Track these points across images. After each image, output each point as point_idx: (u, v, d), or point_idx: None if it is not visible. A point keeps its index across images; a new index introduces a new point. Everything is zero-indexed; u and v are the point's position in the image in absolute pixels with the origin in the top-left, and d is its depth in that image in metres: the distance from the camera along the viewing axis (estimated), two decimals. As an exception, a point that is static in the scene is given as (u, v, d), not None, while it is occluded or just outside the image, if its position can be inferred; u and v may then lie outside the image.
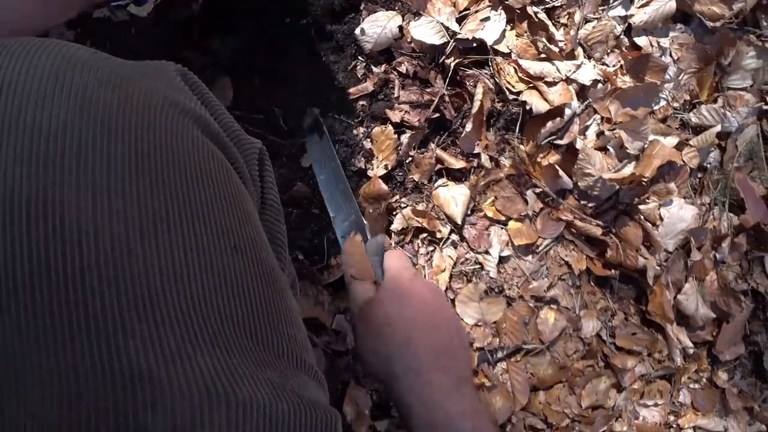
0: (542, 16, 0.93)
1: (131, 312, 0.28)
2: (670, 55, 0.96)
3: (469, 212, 0.98)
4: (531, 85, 0.94)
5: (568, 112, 0.94)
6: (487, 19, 0.93)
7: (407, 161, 0.96)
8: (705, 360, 1.10)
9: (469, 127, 0.94)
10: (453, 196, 0.96)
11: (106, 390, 0.27)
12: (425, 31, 0.93)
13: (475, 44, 0.95)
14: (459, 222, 0.96)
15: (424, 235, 0.99)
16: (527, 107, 0.93)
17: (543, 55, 0.94)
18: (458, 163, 0.96)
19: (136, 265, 0.29)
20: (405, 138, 0.96)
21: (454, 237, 0.99)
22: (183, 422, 0.28)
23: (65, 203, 0.28)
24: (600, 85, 0.95)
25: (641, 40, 0.95)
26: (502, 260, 1.00)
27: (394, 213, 0.97)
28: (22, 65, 0.31)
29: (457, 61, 0.95)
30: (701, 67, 0.97)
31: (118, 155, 0.31)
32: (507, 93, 0.95)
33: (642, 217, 1.00)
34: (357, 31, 0.93)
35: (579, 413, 1.02)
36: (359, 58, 0.96)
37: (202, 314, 0.31)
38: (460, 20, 0.94)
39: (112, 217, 0.29)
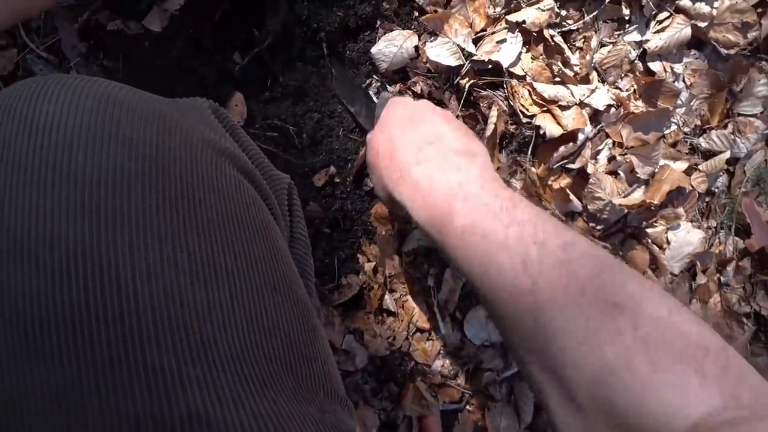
0: (558, 39, 0.93)
1: (186, 358, 0.29)
2: (683, 81, 0.97)
3: None
4: (545, 108, 0.94)
5: (581, 137, 0.94)
6: (503, 41, 0.93)
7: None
8: (706, 380, 1.11)
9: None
10: None
11: None
12: (441, 51, 0.93)
13: (490, 66, 0.94)
14: None
15: (435, 255, 0.99)
16: (540, 131, 0.93)
17: (557, 79, 0.94)
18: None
19: (189, 314, 0.30)
20: (418, 158, 0.95)
21: (464, 257, 0.99)
22: None
23: (119, 253, 0.29)
24: (613, 110, 0.96)
25: (655, 65, 0.95)
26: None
27: (405, 234, 0.97)
28: (68, 108, 0.31)
29: (471, 82, 0.95)
30: (713, 93, 0.97)
31: (165, 200, 0.31)
32: (521, 116, 0.95)
33: (649, 240, 1.01)
34: (373, 50, 0.93)
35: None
36: (374, 76, 0.96)
37: (251, 356, 0.32)
38: (476, 41, 0.94)
39: (164, 266, 0.30)
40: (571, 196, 0.97)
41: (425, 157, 0.56)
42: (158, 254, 0.30)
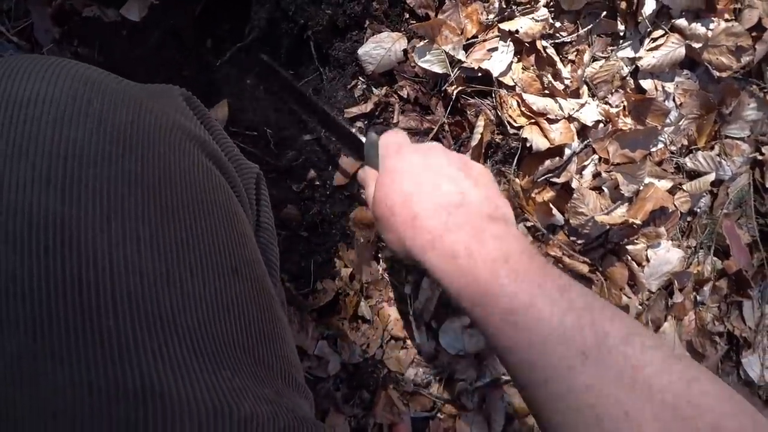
0: (551, 51, 0.91)
1: (143, 329, 0.30)
2: (673, 100, 0.96)
3: None
4: (533, 120, 0.92)
5: (567, 151, 0.93)
6: (494, 49, 0.91)
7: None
8: (675, 396, 1.12)
9: (468, 155, 0.93)
10: None
11: (119, 402, 0.28)
12: (430, 58, 0.90)
13: (480, 74, 0.92)
14: None
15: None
16: (527, 144, 0.92)
17: (547, 91, 0.92)
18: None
19: (148, 286, 0.31)
20: (401, 165, 0.93)
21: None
22: None
23: (82, 225, 0.29)
24: (601, 126, 0.94)
25: (647, 83, 0.94)
26: (488, 293, 0.99)
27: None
28: (41, 85, 0.31)
29: (460, 89, 0.92)
30: (702, 114, 0.96)
31: (132, 177, 0.32)
32: (508, 126, 0.93)
33: (629, 257, 1.00)
34: (360, 51, 0.90)
35: (551, 444, 1.04)
36: (360, 78, 0.93)
37: (207, 333, 0.33)
38: (467, 47, 0.92)
39: (126, 239, 0.31)
40: (554, 210, 0.96)
41: (456, 224, 0.49)
42: (120, 228, 0.30)
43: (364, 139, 0.70)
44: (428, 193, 0.53)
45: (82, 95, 0.32)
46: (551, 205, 0.96)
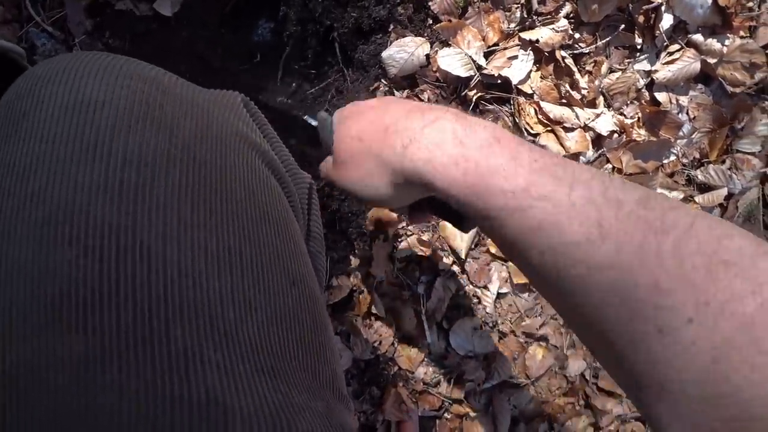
0: (569, 61, 0.93)
1: (208, 342, 0.29)
2: (687, 113, 0.98)
3: (473, 246, 0.99)
4: (549, 128, 0.94)
5: (582, 160, 0.95)
6: (514, 57, 0.93)
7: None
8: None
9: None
10: (459, 232, 0.97)
11: (182, 414, 0.27)
12: (452, 62, 0.92)
13: (499, 81, 0.94)
14: (462, 256, 0.97)
15: (427, 263, 1.00)
16: (543, 150, 0.94)
17: (564, 100, 0.95)
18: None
19: (214, 299, 0.30)
20: (419, 166, 0.95)
21: (456, 269, 1.00)
22: None
23: (152, 234, 0.29)
24: (615, 136, 0.96)
25: (661, 96, 0.96)
26: (499, 296, 1.01)
27: (400, 239, 0.97)
28: (113, 88, 0.31)
29: (479, 95, 0.95)
30: (715, 128, 0.98)
31: (200, 187, 0.32)
32: (525, 133, 0.95)
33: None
34: (383, 54, 0.92)
35: (555, 448, 1.05)
36: (382, 80, 0.95)
37: (266, 346, 0.33)
38: (487, 55, 0.94)
39: (195, 250, 0.30)
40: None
41: (435, 117, 0.42)
42: (188, 238, 0.30)
43: (314, 123, 0.59)
44: (395, 111, 0.46)
45: (155, 99, 0.32)
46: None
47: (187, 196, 0.31)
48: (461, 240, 0.96)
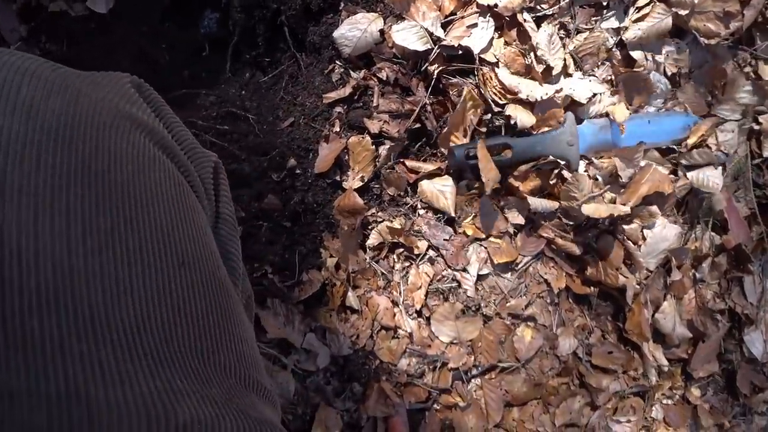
0: (531, 25, 0.88)
1: (70, 330, 0.28)
2: (664, 71, 0.92)
3: (464, 204, 0.95)
4: (514, 98, 0.89)
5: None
6: (474, 25, 0.88)
7: (384, 173, 0.92)
8: (679, 377, 1.09)
9: (447, 126, 0.90)
10: (440, 190, 0.92)
11: (41, 410, 0.26)
12: (408, 36, 0.87)
13: (460, 51, 0.89)
14: (453, 213, 0.93)
15: (401, 250, 0.95)
16: (512, 121, 0.89)
17: (529, 64, 0.90)
18: (433, 166, 0.92)
19: (78, 284, 0.29)
20: (383, 150, 0.91)
21: (432, 253, 0.95)
22: None
23: (5, 219, 0.28)
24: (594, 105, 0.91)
25: (636, 54, 0.91)
26: (480, 278, 0.97)
27: (370, 228, 0.93)
28: None
29: (440, 68, 0.90)
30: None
31: (63, 169, 0.30)
32: (492, 105, 0.90)
33: (625, 236, 0.97)
34: (335, 33, 0.87)
35: (552, 431, 1.01)
36: (337, 62, 0.90)
37: (145, 332, 0.31)
38: (445, 25, 0.89)
39: (54, 236, 0.29)
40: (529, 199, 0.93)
41: None
42: (48, 222, 0.29)
43: None
44: None
45: (11, 82, 0.31)
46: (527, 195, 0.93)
47: (46, 179, 0.29)
48: (445, 199, 0.91)
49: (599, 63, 0.92)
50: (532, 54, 0.88)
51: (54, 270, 0.28)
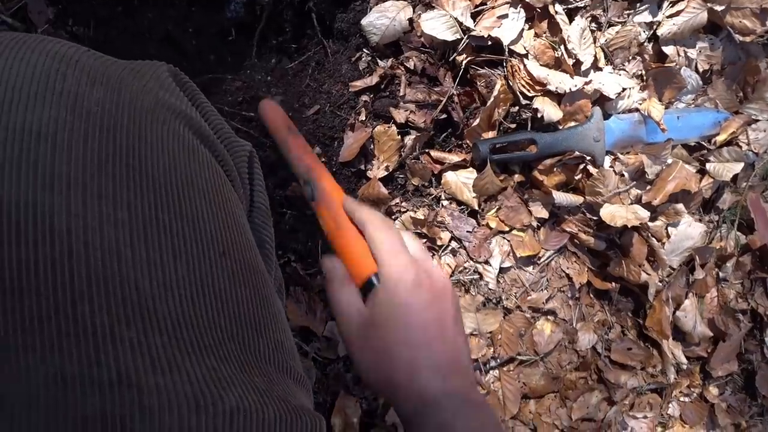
0: (563, 17, 0.87)
1: (120, 317, 0.28)
2: (696, 68, 0.91)
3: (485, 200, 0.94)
4: (542, 92, 0.88)
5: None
6: (504, 16, 0.87)
7: (409, 164, 0.91)
8: (697, 375, 1.09)
9: (477, 120, 0.89)
10: (464, 183, 0.92)
11: (94, 395, 0.26)
12: (437, 25, 0.86)
13: (490, 42, 0.88)
14: (476, 207, 0.92)
15: (423, 241, 0.95)
16: (539, 114, 0.88)
17: (559, 57, 0.88)
18: (458, 157, 0.91)
19: (126, 271, 0.29)
20: (409, 140, 0.90)
21: (454, 245, 0.95)
22: (170, 430, 0.28)
23: (55, 208, 0.28)
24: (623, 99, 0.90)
25: (669, 49, 0.89)
26: (502, 271, 0.96)
27: (394, 217, 0.93)
28: (13, 62, 0.30)
29: (469, 59, 0.89)
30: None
31: (109, 158, 0.31)
32: (520, 97, 0.89)
33: (649, 233, 0.96)
34: (363, 21, 0.86)
35: (569, 425, 1.01)
36: (364, 50, 0.89)
37: (190, 319, 0.31)
38: (475, 15, 0.88)
39: (103, 223, 0.29)
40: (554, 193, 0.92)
41: (447, 394, 0.46)
42: (96, 211, 0.29)
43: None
44: (430, 347, 0.46)
45: (56, 71, 0.31)
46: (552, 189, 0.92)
47: (92, 167, 0.30)
48: (469, 192, 0.91)
49: (630, 57, 0.91)
50: (562, 47, 0.87)
51: (103, 257, 0.29)
